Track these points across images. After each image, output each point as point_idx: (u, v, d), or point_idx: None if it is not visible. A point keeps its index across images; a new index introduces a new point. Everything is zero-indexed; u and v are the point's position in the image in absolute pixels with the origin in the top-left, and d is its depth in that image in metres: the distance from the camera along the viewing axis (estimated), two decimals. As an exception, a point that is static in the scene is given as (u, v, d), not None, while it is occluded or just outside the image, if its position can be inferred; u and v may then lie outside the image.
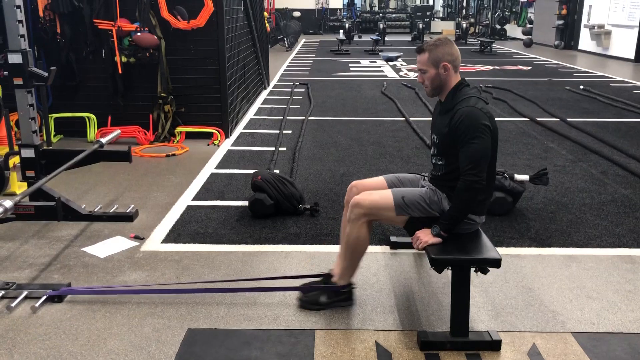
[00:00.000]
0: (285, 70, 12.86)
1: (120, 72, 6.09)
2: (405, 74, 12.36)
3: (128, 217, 4.02)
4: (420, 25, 20.74)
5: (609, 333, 2.75)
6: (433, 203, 2.77)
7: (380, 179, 3.06)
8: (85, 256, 3.55)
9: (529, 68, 13.32)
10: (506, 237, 3.83)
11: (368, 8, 29.35)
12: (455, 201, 2.67)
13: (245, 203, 4.33)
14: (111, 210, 4.14)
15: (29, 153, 3.85)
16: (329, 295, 2.93)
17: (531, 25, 20.68)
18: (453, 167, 2.72)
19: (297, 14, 23.27)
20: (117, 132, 4.29)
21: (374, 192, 2.86)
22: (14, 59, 3.66)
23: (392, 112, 8.09)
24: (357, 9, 27.99)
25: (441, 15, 30.29)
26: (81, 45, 6.13)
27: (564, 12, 17.78)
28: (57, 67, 4.43)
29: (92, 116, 6.34)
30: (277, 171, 4.95)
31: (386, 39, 20.51)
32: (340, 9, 25.98)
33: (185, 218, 4.16)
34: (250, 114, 7.94)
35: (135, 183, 4.96)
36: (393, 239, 3.69)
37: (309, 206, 4.25)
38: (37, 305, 2.91)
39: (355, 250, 2.85)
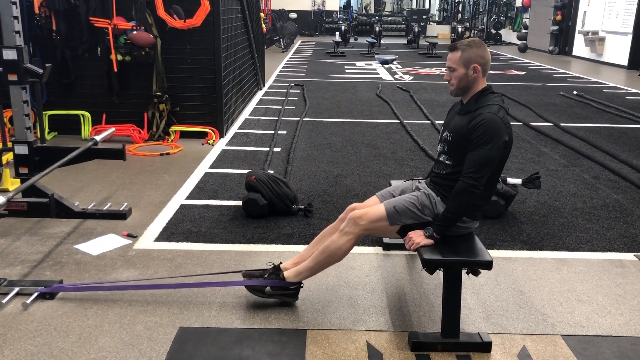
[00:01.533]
0: (280, 71, 12.87)
1: (115, 70, 6.09)
2: (401, 76, 12.40)
3: (121, 215, 4.00)
4: (416, 29, 20.79)
5: (599, 336, 2.77)
6: (425, 208, 2.78)
7: (373, 198, 3.07)
8: (77, 253, 3.54)
9: (523, 73, 13.39)
10: (498, 239, 3.85)
11: (364, 11, 29.40)
12: (450, 202, 2.68)
13: (239, 203, 4.33)
14: (104, 208, 4.12)
15: (22, 150, 3.83)
16: (273, 287, 2.93)
17: (526, 31, 20.79)
18: (458, 169, 2.72)
19: (293, 15, 23.28)
20: (111, 130, 4.28)
21: (367, 208, 2.89)
22: (9, 55, 3.64)
23: (387, 115, 8.11)
24: (354, 11, 28.04)
25: (437, 19, 30.38)
26: (77, 42, 6.12)
27: (558, 17, 17.89)
28: (52, 64, 4.41)
29: (87, 114, 6.33)
30: (272, 171, 4.96)
31: (382, 41, 20.55)
32: (336, 11, 26.02)
33: (179, 217, 4.16)
34: (245, 114, 7.95)
35: (129, 181, 4.96)
36: (386, 240, 3.70)
37: (302, 207, 4.26)
38: (28, 301, 2.90)
39: (330, 257, 2.86)
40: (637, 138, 6.91)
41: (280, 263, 3.06)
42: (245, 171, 5.00)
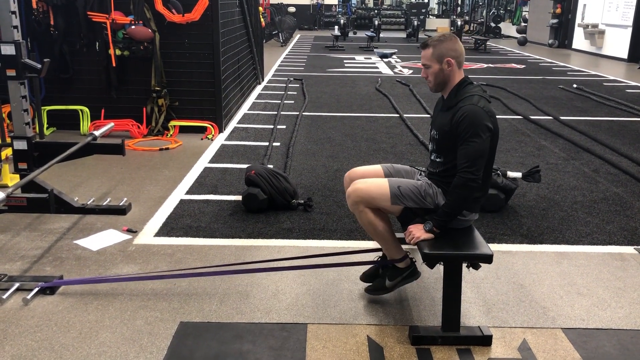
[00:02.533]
0: (279, 66, 12.84)
1: (114, 65, 6.07)
2: (400, 70, 12.37)
3: (121, 211, 4.00)
4: (415, 22, 20.74)
5: (599, 329, 2.77)
6: (428, 196, 2.78)
7: (377, 167, 3.06)
8: (77, 249, 3.54)
9: (523, 66, 13.36)
10: (498, 233, 3.85)
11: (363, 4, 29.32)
12: (449, 198, 2.68)
13: (239, 197, 4.33)
14: (104, 204, 4.12)
15: (21, 145, 3.83)
16: (390, 277, 2.93)
17: (525, 24, 20.74)
18: (451, 165, 2.73)
19: (292, 9, 23.19)
20: (110, 125, 4.27)
21: (369, 180, 2.86)
22: (7, 50, 3.63)
23: (386, 109, 8.10)
24: (352, 5, 27.95)
25: (436, 12, 30.29)
26: (75, 37, 6.10)
27: (558, 10, 17.83)
28: (51, 59, 4.40)
29: (85, 109, 6.31)
30: (271, 166, 4.95)
31: (381, 35, 20.50)
32: (335, 5, 25.93)
33: (178, 212, 4.15)
34: (245, 108, 7.93)
35: (129, 176, 4.95)
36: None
37: (302, 201, 4.26)
38: (28, 297, 2.90)
39: (376, 233, 2.84)
40: (637, 131, 6.90)
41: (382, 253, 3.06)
42: (244, 166, 5.00)
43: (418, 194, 2.78)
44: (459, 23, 20.48)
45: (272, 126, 6.81)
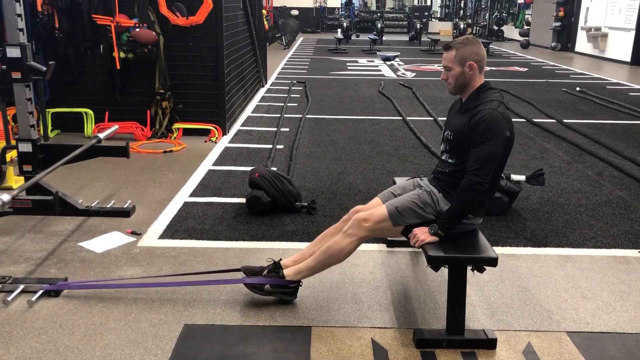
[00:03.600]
0: (282, 68, 12.86)
1: (118, 67, 6.08)
2: (403, 73, 12.37)
3: (125, 213, 4.01)
4: (418, 26, 20.78)
5: (604, 333, 2.76)
6: (427, 205, 2.78)
7: (375, 200, 3.07)
8: (82, 251, 3.54)
9: (526, 69, 13.36)
10: (502, 236, 3.85)
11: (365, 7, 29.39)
12: (455, 200, 2.68)
13: (243, 200, 4.34)
14: (108, 206, 4.13)
15: (26, 147, 3.84)
16: (272, 285, 2.93)
17: (528, 27, 20.74)
18: (461, 167, 2.73)
19: (295, 12, 23.24)
20: (114, 127, 4.28)
21: (370, 210, 2.89)
22: (13, 52, 3.65)
23: (390, 112, 8.10)
24: (355, 8, 27.99)
25: (439, 15, 30.31)
26: (79, 40, 6.12)
27: (561, 14, 17.83)
28: (55, 62, 4.41)
29: (90, 111, 6.33)
30: (275, 169, 4.96)
31: (384, 38, 20.53)
32: (338, 8, 25.97)
33: (182, 214, 4.16)
34: (248, 111, 7.94)
35: (133, 179, 4.96)
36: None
37: (306, 204, 4.26)
38: (33, 299, 2.90)
39: (331, 258, 2.86)
40: (641, 134, 6.90)
41: (280, 260, 3.05)
42: (248, 168, 5.00)
43: (416, 207, 2.78)
44: (462, 26, 20.48)
45: (275, 129, 6.82)
